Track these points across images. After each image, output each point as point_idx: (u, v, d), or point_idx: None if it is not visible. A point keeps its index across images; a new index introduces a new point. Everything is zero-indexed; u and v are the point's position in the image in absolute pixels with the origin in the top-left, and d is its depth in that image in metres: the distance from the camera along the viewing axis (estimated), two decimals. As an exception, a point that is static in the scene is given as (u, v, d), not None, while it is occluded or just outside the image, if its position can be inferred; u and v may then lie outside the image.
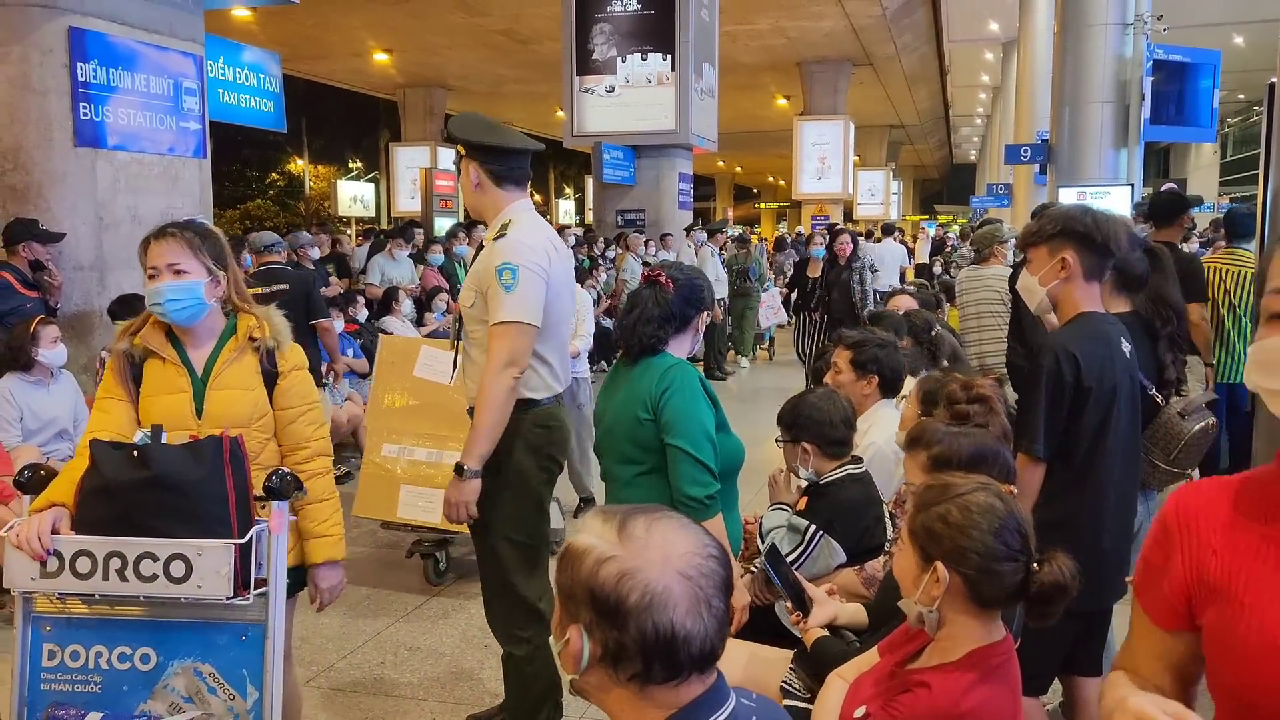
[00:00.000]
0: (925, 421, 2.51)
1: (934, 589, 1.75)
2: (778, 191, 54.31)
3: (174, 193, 6.09)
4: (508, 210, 3.04)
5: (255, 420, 2.57)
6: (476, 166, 3.03)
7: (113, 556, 2.25)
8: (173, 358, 2.55)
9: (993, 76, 29.53)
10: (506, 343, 2.88)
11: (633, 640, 1.19)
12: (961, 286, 6.28)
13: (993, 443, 2.33)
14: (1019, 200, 19.49)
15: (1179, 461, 2.99)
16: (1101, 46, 12.75)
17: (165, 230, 2.57)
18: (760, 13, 19.36)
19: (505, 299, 2.87)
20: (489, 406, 2.89)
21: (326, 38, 20.52)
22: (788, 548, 2.84)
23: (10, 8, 5.30)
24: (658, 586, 1.19)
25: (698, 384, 2.65)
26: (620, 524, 1.24)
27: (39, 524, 2.27)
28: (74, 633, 2.36)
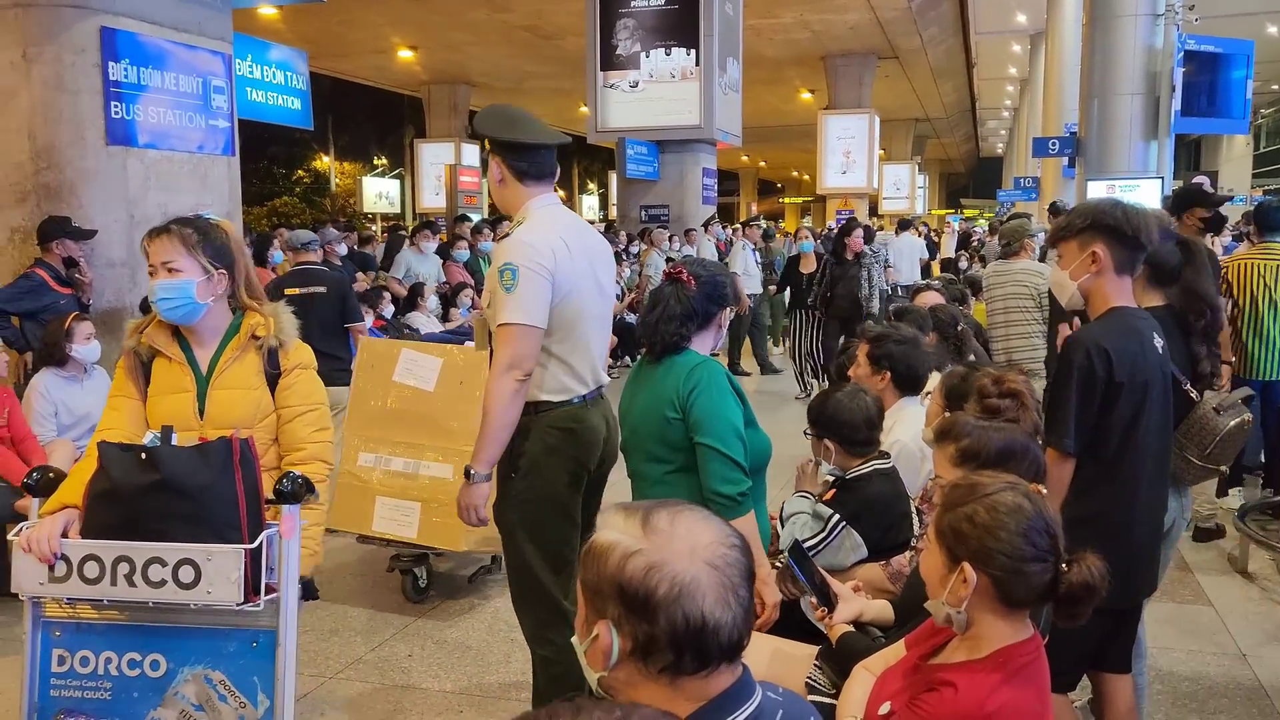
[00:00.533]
0: (955, 415, 2.50)
1: (961, 590, 1.74)
2: (802, 186, 54.07)
3: (203, 190, 6.15)
4: (527, 206, 2.99)
5: (258, 421, 2.51)
6: (499, 162, 2.99)
7: (121, 561, 2.22)
8: (178, 356, 2.50)
9: (1020, 69, 29.27)
10: (507, 345, 2.82)
11: (663, 632, 1.20)
12: (989, 281, 6.23)
13: (1023, 438, 2.31)
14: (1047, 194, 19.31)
15: (1213, 457, 2.96)
16: (1131, 37, 12.61)
17: (164, 227, 2.52)
18: (784, 6, 19.28)
19: (505, 300, 2.81)
20: (491, 410, 2.84)
21: (352, 35, 20.64)
22: (808, 534, 2.85)
23: (43, 8, 5.37)
24: (686, 577, 1.21)
25: (725, 381, 2.64)
26: (643, 518, 1.26)
27: (48, 528, 2.25)
28: (84, 638, 2.33)
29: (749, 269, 11.47)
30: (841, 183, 24.34)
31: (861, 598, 2.55)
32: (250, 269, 2.61)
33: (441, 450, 4.38)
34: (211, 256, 2.48)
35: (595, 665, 1.26)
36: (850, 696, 2.05)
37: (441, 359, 4.48)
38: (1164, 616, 4.30)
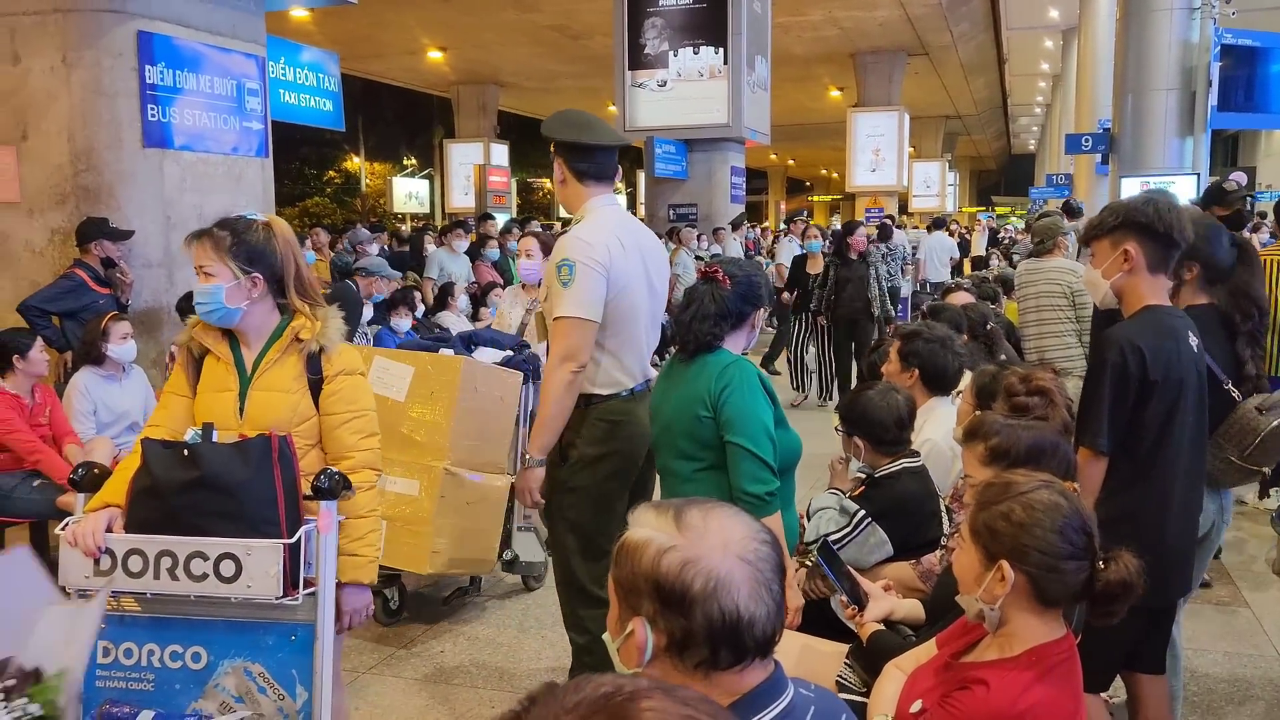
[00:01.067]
0: (983, 414, 2.49)
1: (997, 588, 1.74)
2: (831, 184, 53.83)
3: (238, 191, 6.23)
4: (587, 205, 3.13)
5: (296, 424, 2.48)
6: (561, 163, 3.13)
7: (164, 555, 2.28)
8: (225, 356, 2.52)
9: (1053, 64, 28.96)
10: (563, 337, 2.96)
11: (699, 627, 1.22)
12: (1021, 279, 6.16)
13: (1052, 435, 2.30)
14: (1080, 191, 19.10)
15: (1253, 459, 2.92)
16: (1166, 31, 12.45)
17: (202, 230, 2.52)
18: (813, 4, 19.21)
19: (563, 294, 2.95)
20: (547, 399, 3.00)
21: (382, 36, 20.80)
22: (833, 528, 2.85)
23: (83, 13, 5.46)
24: (720, 571, 1.22)
25: (757, 381, 2.65)
26: (676, 515, 1.27)
27: (93, 523, 2.31)
28: (127, 631, 2.38)
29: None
30: (871, 181, 24.21)
31: (892, 596, 2.55)
32: (303, 269, 2.57)
33: (406, 465, 4.02)
34: (245, 260, 2.46)
35: (629, 662, 1.28)
36: (881, 694, 2.05)
37: (413, 367, 4.15)
38: (1201, 618, 4.26)
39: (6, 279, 5.67)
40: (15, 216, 5.66)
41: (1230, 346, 2.98)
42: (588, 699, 0.81)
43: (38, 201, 5.62)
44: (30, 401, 4.72)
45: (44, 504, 4.59)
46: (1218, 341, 2.95)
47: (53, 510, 4.55)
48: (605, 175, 3.14)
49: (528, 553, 4.59)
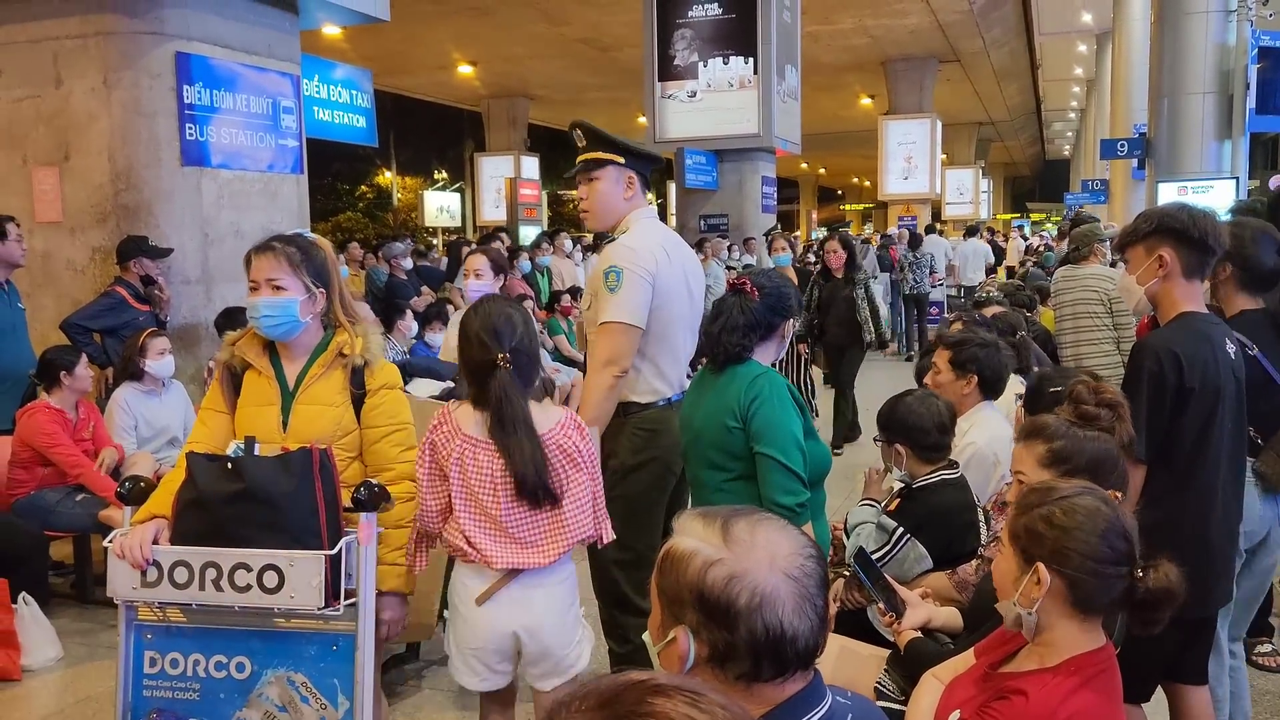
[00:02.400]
0: (1046, 416, 2.47)
1: (1034, 591, 1.73)
2: (863, 193, 53.59)
3: (273, 208, 6.32)
4: (634, 215, 3.16)
5: (339, 438, 2.53)
6: (633, 173, 3.15)
7: (209, 567, 2.31)
8: (267, 370, 2.56)
9: (1086, 69, 28.68)
10: (608, 342, 2.99)
11: (743, 641, 1.22)
12: (1057, 286, 6.10)
13: (1115, 450, 2.26)
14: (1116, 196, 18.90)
15: None
16: (1202, 35, 12.31)
17: (268, 244, 2.55)
18: (843, 12, 19.18)
19: (609, 300, 2.99)
20: (588, 403, 3.01)
21: (413, 52, 21.02)
22: (873, 546, 2.82)
23: (123, 35, 5.58)
24: (766, 587, 1.22)
25: (786, 392, 2.65)
26: (723, 526, 1.27)
27: (140, 535, 2.35)
28: (173, 641, 2.43)
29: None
30: (903, 188, 24.08)
31: (930, 604, 2.53)
32: (344, 286, 2.66)
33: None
34: (313, 275, 2.54)
35: (670, 668, 1.28)
36: (919, 705, 2.03)
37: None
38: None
39: (49, 297, 5.78)
40: (58, 236, 5.78)
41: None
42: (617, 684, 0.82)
43: (79, 221, 5.73)
44: (74, 417, 4.81)
45: (87, 518, 4.67)
46: (1271, 345, 2.91)
47: (95, 524, 4.63)
48: (649, 187, 3.24)
49: None
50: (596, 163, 3.13)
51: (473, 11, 18.11)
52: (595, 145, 3.14)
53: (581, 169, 3.18)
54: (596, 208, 3.17)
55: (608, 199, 3.15)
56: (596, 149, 3.13)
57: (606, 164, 3.12)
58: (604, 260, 3.07)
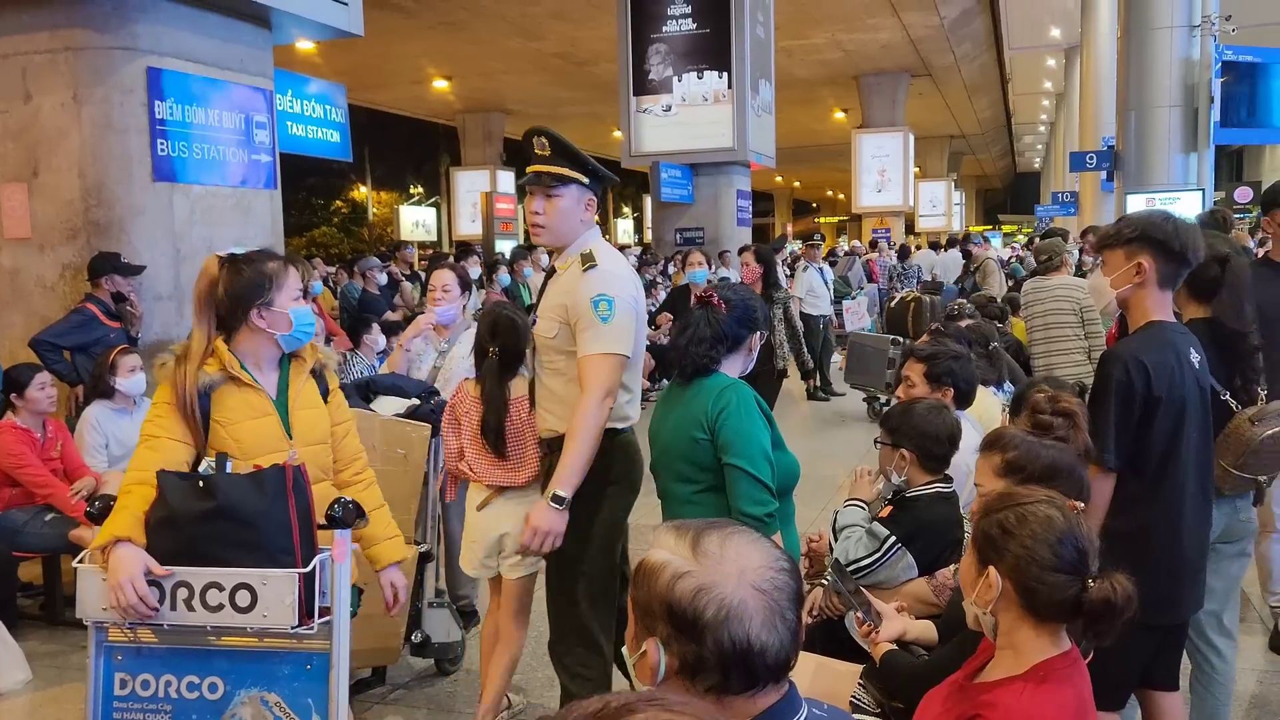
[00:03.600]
0: (1004, 427, 2.49)
1: (987, 593, 1.77)
2: (837, 205, 53.97)
3: (247, 223, 6.28)
4: (588, 237, 3.04)
5: (328, 438, 2.66)
6: (593, 196, 3.00)
7: (180, 586, 2.29)
8: (251, 382, 2.54)
9: (1055, 83, 29.08)
10: (605, 374, 2.89)
11: (710, 653, 1.22)
12: (1027, 298, 6.18)
13: (1070, 458, 2.29)
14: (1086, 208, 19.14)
15: (1247, 467, 2.92)
16: (1167, 49, 12.53)
17: (293, 258, 2.68)
18: (816, 27, 19.36)
19: (604, 330, 2.87)
20: (588, 437, 2.88)
21: (388, 67, 21.01)
22: (863, 552, 2.83)
23: (94, 50, 5.54)
24: (733, 601, 1.22)
25: (753, 403, 2.66)
26: (694, 539, 1.27)
27: (136, 585, 2.24)
28: (144, 662, 2.39)
29: (814, 289, 11.16)
30: (877, 201, 24.31)
31: (905, 617, 2.54)
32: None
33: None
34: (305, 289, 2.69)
35: (643, 679, 1.29)
36: None
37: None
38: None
39: (18, 314, 5.71)
40: (27, 252, 5.72)
41: (1224, 359, 2.98)
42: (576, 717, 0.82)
43: (49, 237, 5.67)
44: (41, 436, 4.75)
45: (56, 538, 4.61)
46: (1214, 355, 2.95)
47: (65, 544, 4.57)
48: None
49: (440, 633, 3.97)
50: (560, 179, 2.95)
51: (447, 26, 18.14)
52: (561, 159, 2.95)
53: (535, 180, 2.98)
54: (556, 226, 2.99)
55: (568, 219, 2.99)
56: (562, 164, 2.95)
57: (571, 182, 2.96)
58: (591, 287, 2.90)
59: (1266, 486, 3.13)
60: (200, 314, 2.52)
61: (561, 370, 3.01)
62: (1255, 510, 3.13)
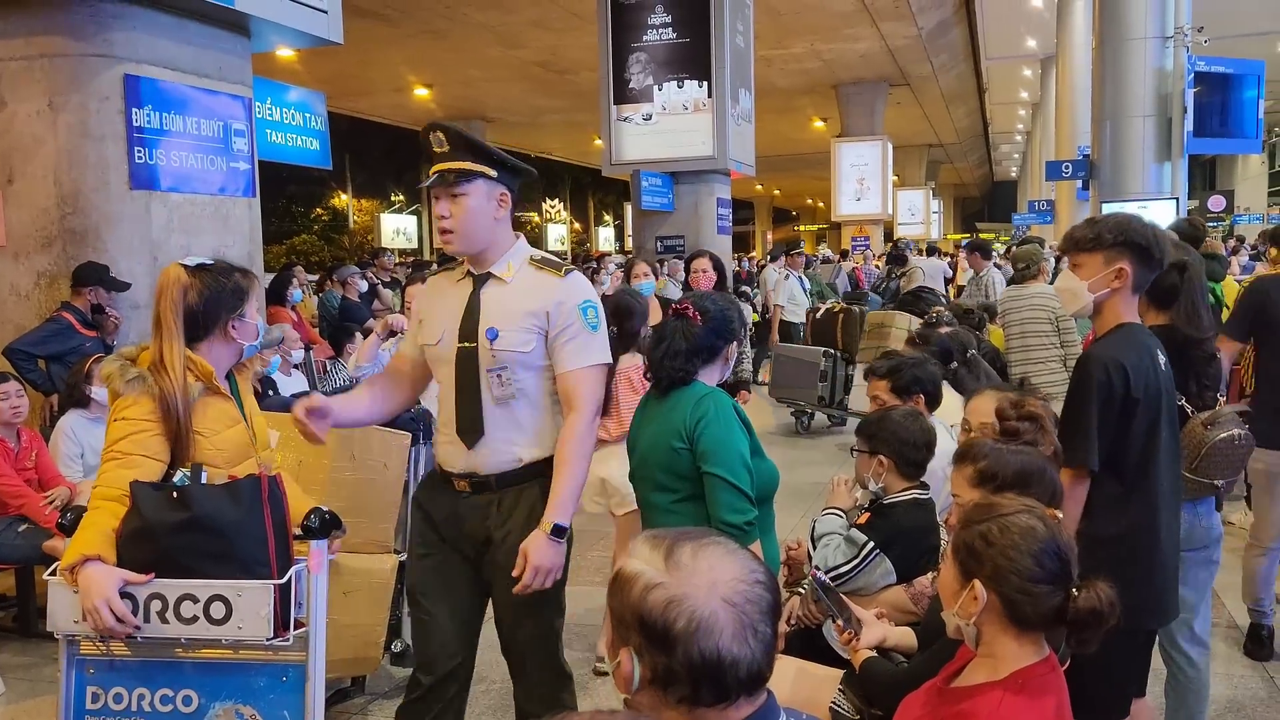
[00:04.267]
0: (974, 437, 2.51)
1: (971, 606, 1.78)
2: (817, 213, 54.21)
3: (225, 231, 6.24)
4: (520, 246, 2.73)
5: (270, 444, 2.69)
6: (506, 190, 2.65)
7: (154, 598, 2.25)
8: (226, 392, 2.53)
9: (1031, 93, 29.35)
10: (597, 387, 2.66)
11: (680, 665, 1.22)
12: (1004, 306, 6.23)
13: (1040, 461, 2.32)
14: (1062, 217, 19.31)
15: (1201, 471, 2.95)
16: (1141, 60, 12.67)
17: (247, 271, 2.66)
18: (795, 37, 19.47)
19: (594, 340, 2.65)
20: (585, 459, 2.63)
21: (368, 75, 20.96)
22: (842, 559, 2.85)
23: (71, 58, 5.50)
24: (703, 613, 1.22)
25: (732, 412, 2.64)
26: (668, 550, 1.27)
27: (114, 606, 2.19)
28: (117, 675, 2.35)
29: (795, 297, 11.11)
30: (856, 209, 24.45)
31: (884, 624, 2.55)
32: None
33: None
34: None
35: (620, 688, 1.29)
36: None
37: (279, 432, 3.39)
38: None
39: (-8, 322, 5.66)
40: (1, 260, 5.66)
41: (1181, 365, 3.02)
42: None
43: (23, 245, 5.62)
44: (15, 445, 4.70)
45: (29, 549, 4.56)
46: (1171, 361, 2.99)
47: (38, 555, 4.52)
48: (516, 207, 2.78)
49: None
50: (464, 174, 2.59)
51: (428, 35, 18.12)
52: (463, 153, 2.60)
53: (440, 180, 2.60)
54: (465, 229, 2.61)
55: (478, 219, 2.60)
56: (464, 158, 2.59)
57: (476, 177, 2.59)
58: (577, 292, 2.66)
59: (1225, 493, 3.16)
60: (171, 323, 2.43)
61: (529, 391, 2.65)
62: (1218, 516, 3.15)
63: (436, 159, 2.64)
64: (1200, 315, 3.06)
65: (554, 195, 41.46)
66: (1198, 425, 2.95)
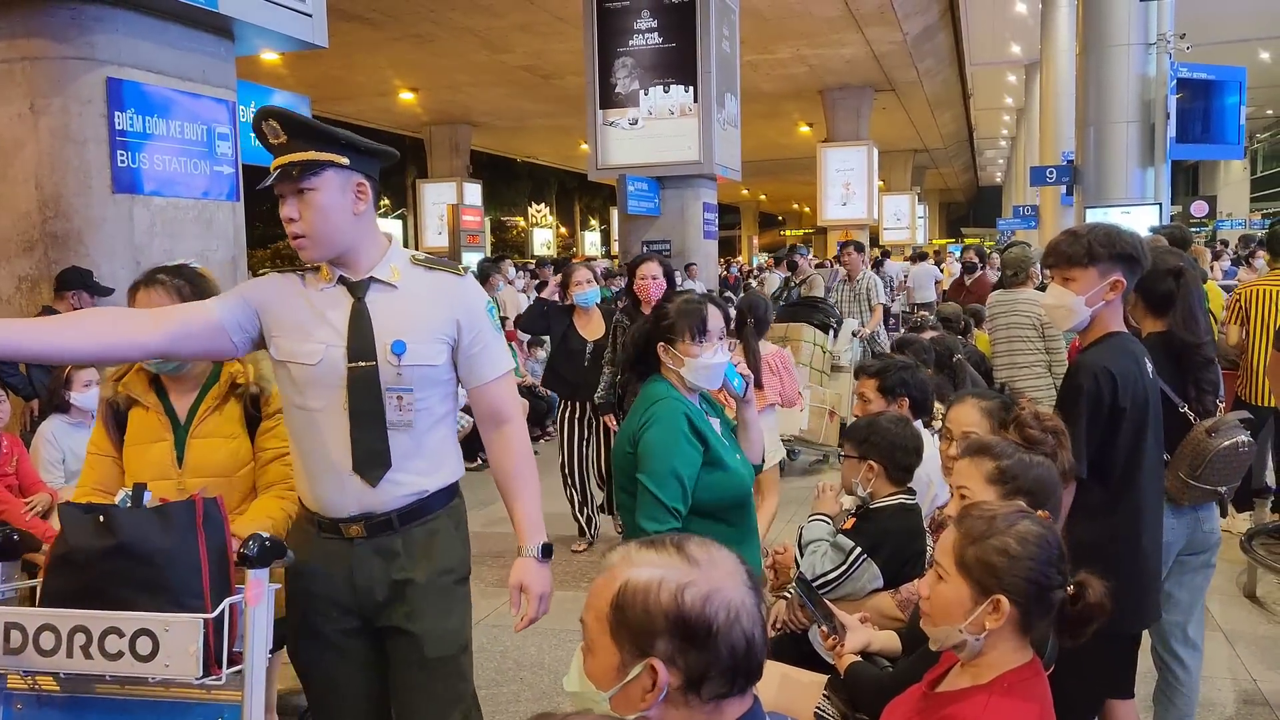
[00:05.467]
0: (991, 436, 2.50)
1: (989, 620, 1.73)
2: (803, 218, 54.36)
3: (209, 235, 6.20)
4: (394, 243, 2.36)
5: (236, 470, 2.45)
6: (363, 179, 2.23)
7: (77, 631, 2.07)
8: (155, 406, 2.45)
9: (1016, 98, 29.51)
10: (517, 394, 2.47)
11: (724, 657, 1.22)
12: (991, 310, 6.24)
13: (1056, 478, 2.32)
14: (1046, 222, 19.41)
15: (1204, 478, 2.96)
16: (1125, 66, 12.76)
17: (154, 278, 2.47)
18: (781, 42, 19.52)
19: (502, 343, 2.38)
20: (535, 469, 2.41)
21: (353, 79, 20.91)
22: (829, 565, 2.84)
23: (52, 61, 5.46)
24: (737, 600, 1.23)
25: (678, 420, 2.53)
26: (678, 549, 1.27)
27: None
28: (45, 712, 2.20)
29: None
30: (842, 214, 24.51)
31: (869, 628, 2.55)
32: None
33: None
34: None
35: (632, 707, 1.24)
36: None
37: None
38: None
39: (-27, 327, 5.60)
40: (-18, 264, 5.62)
41: (1180, 372, 3.04)
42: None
43: (4, 249, 5.58)
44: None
45: (11, 555, 4.51)
46: (1170, 368, 3.01)
47: (19, 561, 4.48)
48: (379, 197, 2.54)
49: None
50: (309, 166, 2.14)
51: (413, 39, 18.09)
52: (304, 141, 2.16)
53: (283, 177, 2.16)
54: (319, 231, 2.17)
55: (333, 217, 2.17)
56: (306, 147, 2.15)
57: (324, 167, 2.15)
58: (478, 296, 2.33)
59: (1228, 498, 3.18)
60: None
61: (430, 409, 2.27)
62: (1218, 521, 3.17)
63: (275, 151, 2.20)
64: (1197, 320, 3.08)
65: (540, 200, 41.44)
66: (1201, 432, 2.96)
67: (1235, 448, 2.94)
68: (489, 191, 28.09)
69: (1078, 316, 2.64)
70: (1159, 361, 2.85)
